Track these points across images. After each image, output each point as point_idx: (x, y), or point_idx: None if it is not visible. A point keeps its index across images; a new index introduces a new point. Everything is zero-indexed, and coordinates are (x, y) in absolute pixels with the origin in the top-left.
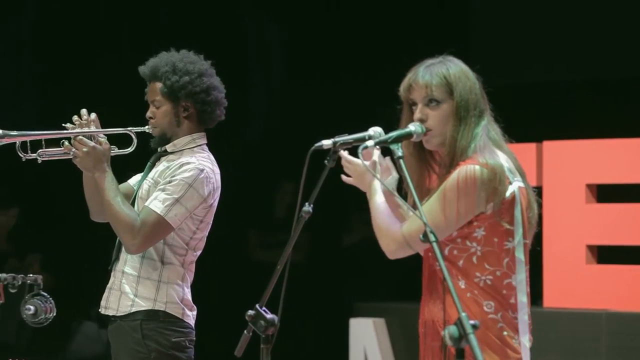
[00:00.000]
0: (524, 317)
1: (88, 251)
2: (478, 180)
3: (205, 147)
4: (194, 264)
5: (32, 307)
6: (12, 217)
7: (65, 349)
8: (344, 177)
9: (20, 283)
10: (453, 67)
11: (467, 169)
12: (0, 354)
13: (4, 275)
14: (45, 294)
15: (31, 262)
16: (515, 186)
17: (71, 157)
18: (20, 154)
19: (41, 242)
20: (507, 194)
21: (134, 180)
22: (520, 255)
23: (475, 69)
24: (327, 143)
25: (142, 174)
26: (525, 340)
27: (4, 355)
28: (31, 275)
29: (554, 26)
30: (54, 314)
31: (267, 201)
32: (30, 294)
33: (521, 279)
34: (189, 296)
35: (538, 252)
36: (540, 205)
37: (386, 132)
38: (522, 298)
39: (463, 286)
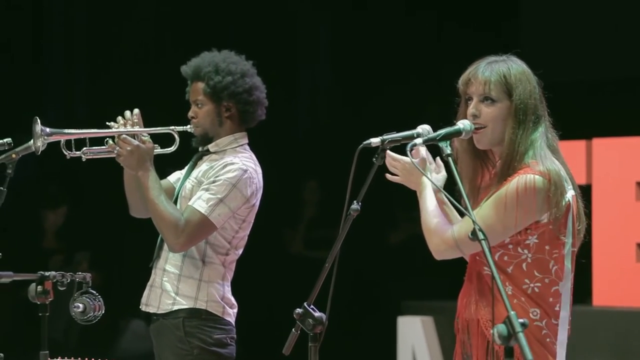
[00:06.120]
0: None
1: (136, 249)
2: (538, 189)
3: (247, 147)
4: (234, 263)
5: (81, 305)
6: (61, 215)
7: (114, 347)
8: (388, 175)
9: (69, 281)
10: (515, 68)
11: (527, 178)
12: (49, 351)
13: (53, 273)
14: (94, 291)
15: (80, 260)
16: (569, 195)
17: (115, 155)
18: (64, 152)
19: (90, 240)
20: (564, 202)
21: (174, 177)
22: (569, 264)
23: (538, 73)
24: (375, 141)
25: (182, 171)
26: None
27: (52, 352)
28: (80, 273)
29: (605, 23)
30: (103, 312)
31: (309, 198)
32: (79, 291)
33: (567, 287)
34: (229, 294)
35: (587, 250)
36: (588, 215)
37: (435, 130)
38: (564, 310)
39: (510, 292)
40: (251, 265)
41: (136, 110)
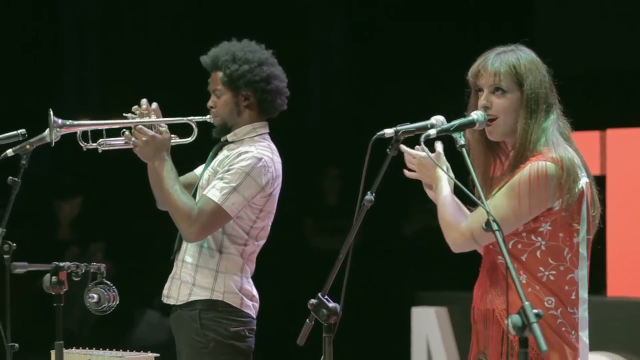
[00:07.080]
0: (584, 313)
1: (151, 240)
2: (550, 176)
3: (267, 136)
4: (254, 255)
5: (95, 296)
6: (76, 206)
7: (128, 338)
8: (406, 172)
9: (83, 271)
10: (524, 58)
11: (539, 164)
12: (64, 341)
13: (67, 263)
14: (109, 282)
15: (94, 251)
16: (583, 182)
17: (131, 146)
18: (81, 144)
19: (104, 231)
20: (576, 189)
21: (199, 169)
22: (584, 250)
23: (547, 61)
24: (389, 132)
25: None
26: (584, 336)
27: (67, 343)
28: (94, 263)
29: (619, 13)
30: (117, 302)
31: (326, 188)
32: (94, 282)
33: (583, 274)
34: (248, 286)
35: (602, 241)
36: (602, 202)
37: (448, 121)
38: (584, 294)
39: (524, 281)
40: (266, 255)
41: (154, 104)
